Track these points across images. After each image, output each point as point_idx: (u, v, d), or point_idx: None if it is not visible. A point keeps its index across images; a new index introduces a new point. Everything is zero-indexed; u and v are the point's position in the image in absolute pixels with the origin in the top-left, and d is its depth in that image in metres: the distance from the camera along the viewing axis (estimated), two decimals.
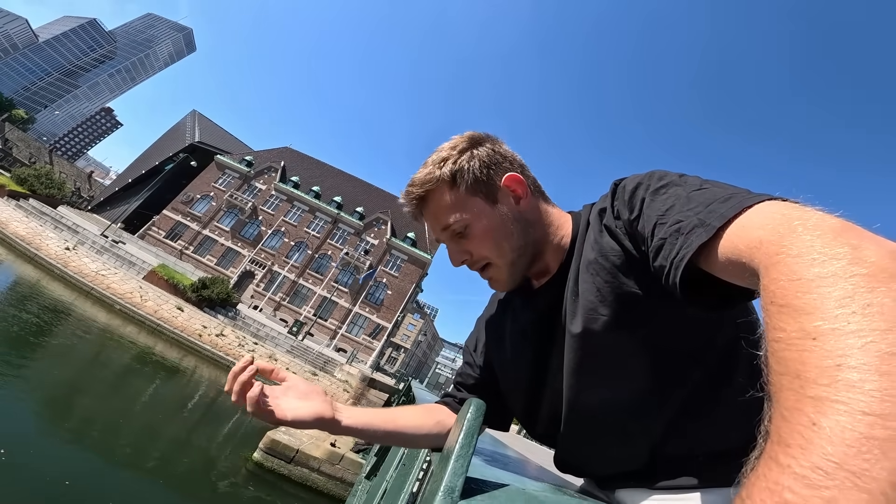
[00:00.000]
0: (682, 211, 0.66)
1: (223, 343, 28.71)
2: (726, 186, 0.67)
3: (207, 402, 18.92)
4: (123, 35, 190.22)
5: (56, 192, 40.42)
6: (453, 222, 0.94)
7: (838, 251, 0.40)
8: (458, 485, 0.55)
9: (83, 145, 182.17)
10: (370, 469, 3.23)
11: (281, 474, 12.32)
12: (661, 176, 0.77)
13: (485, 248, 0.95)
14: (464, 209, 0.94)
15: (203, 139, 62.47)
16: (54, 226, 32.16)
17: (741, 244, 0.53)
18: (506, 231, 0.95)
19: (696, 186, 0.70)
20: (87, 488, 7.75)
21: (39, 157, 68.36)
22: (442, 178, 0.94)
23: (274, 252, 53.00)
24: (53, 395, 11.55)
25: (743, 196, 0.60)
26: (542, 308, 0.97)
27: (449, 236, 0.97)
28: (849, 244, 0.41)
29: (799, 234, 0.45)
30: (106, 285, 27.69)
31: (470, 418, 0.61)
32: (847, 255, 0.40)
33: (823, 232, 0.43)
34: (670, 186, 0.73)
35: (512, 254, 0.95)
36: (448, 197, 0.94)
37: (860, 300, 0.36)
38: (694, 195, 0.67)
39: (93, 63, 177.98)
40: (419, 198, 0.97)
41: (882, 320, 0.34)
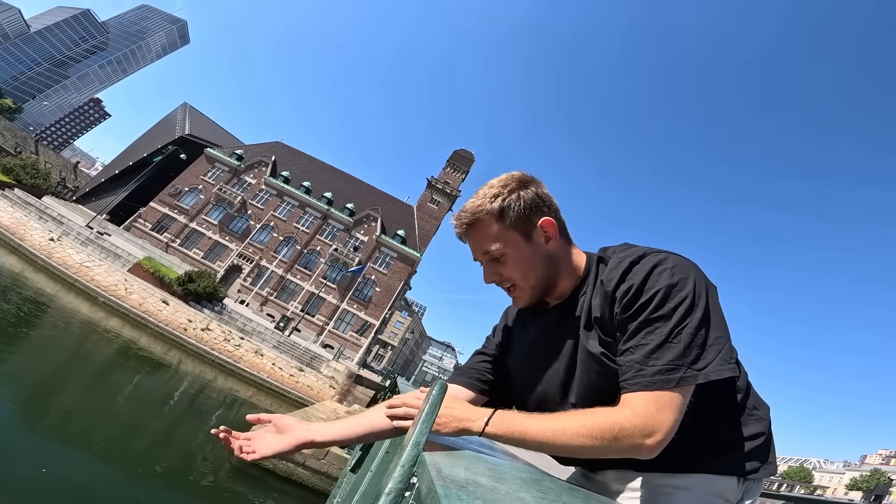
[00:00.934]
0: (649, 356, 0.96)
1: (209, 337, 28.44)
2: (694, 343, 0.96)
3: (191, 397, 18.76)
4: (116, 26, 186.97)
5: (41, 183, 39.76)
6: (493, 250, 1.16)
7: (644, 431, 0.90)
8: (422, 440, 0.68)
9: (70, 135, 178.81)
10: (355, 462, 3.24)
11: (266, 469, 12.26)
12: (664, 299, 0.99)
13: (514, 274, 1.18)
14: (504, 241, 1.16)
15: (193, 132, 61.63)
16: (39, 216, 31.61)
17: (650, 401, 0.93)
18: (534, 264, 1.17)
19: (674, 333, 0.96)
20: (65, 483, 7.63)
21: (25, 146, 67.13)
22: (491, 211, 1.15)
23: (262, 247, 52.62)
24: (32, 388, 11.37)
25: (683, 372, 0.94)
26: (551, 324, 1.22)
27: (487, 259, 1.19)
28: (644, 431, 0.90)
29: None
30: (90, 277, 27.29)
31: (434, 394, 0.77)
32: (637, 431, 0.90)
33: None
34: (661, 322, 0.98)
35: (535, 282, 1.18)
36: (493, 228, 1.16)
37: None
38: (666, 347, 0.96)
39: (84, 54, 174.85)
40: (469, 223, 1.18)
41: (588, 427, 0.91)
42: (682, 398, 0.94)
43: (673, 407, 0.92)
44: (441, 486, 0.51)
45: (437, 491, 0.48)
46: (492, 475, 0.72)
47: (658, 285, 1.00)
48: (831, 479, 73.48)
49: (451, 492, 0.49)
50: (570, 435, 0.93)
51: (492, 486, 0.62)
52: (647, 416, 0.91)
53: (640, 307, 1.00)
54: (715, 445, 1.08)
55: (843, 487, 69.05)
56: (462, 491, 0.51)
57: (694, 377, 0.94)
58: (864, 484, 65.25)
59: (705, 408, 1.05)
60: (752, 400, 1.14)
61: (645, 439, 0.90)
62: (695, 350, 0.96)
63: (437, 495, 0.47)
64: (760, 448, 1.09)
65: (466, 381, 1.36)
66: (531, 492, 0.69)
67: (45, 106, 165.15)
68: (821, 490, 70.90)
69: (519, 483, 0.75)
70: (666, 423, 0.91)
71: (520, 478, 0.81)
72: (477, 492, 0.54)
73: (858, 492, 65.36)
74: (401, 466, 0.63)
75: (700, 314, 0.98)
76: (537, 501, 0.63)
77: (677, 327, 0.96)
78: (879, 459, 73.96)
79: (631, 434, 0.90)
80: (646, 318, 0.99)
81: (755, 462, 1.08)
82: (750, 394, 1.14)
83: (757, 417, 1.12)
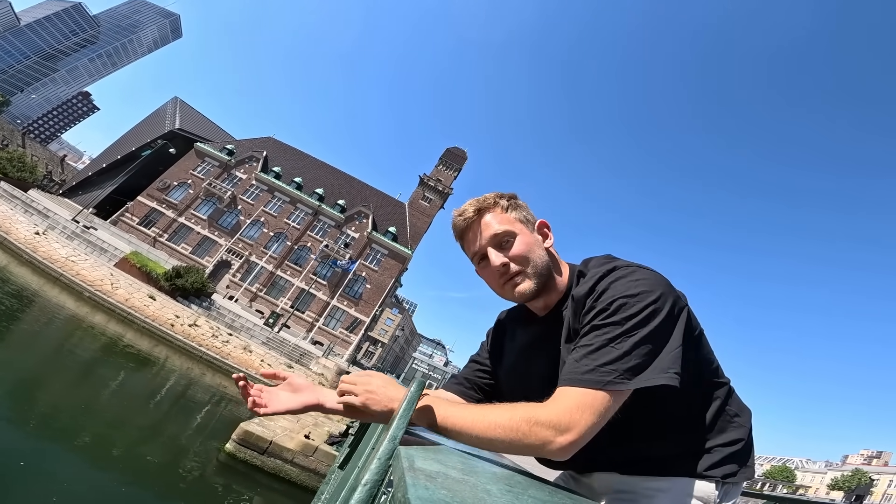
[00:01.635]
0: (587, 355, 0.99)
1: (196, 333, 28.20)
2: (636, 352, 0.97)
3: (178, 393, 18.58)
4: (108, 19, 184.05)
5: (28, 176, 39.08)
6: (502, 232, 1.20)
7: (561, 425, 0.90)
8: (399, 435, 0.72)
9: (57, 129, 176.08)
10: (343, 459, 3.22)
11: (254, 465, 12.16)
12: (619, 307, 1.01)
13: (522, 257, 1.19)
14: (512, 226, 1.21)
15: (184, 126, 60.97)
16: (24, 210, 31.13)
17: (575, 397, 0.94)
18: (539, 251, 1.22)
19: (619, 339, 0.98)
20: (50, 480, 7.51)
21: (12, 139, 66.04)
22: (498, 203, 1.23)
23: (252, 242, 52.29)
24: (15, 383, 11.17)
25: (614, 376, 0.95)
26: (537, 335, 1.24)
27: (495, 244, 1.21)
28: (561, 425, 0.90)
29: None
30: (76, 272, 26.94)
31: (412, 391, 0.82)
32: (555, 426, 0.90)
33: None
34: (610, 327, 1.00)
35: (541, 269, 1.20)
36: (502, 215, 1.22)
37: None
38: (606, 350, 0.97)
39: (74, 47, 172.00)
40: (477, 210, 1.23)
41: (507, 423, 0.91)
42: (608, 402, 0.94)
43: (595, 409, 0.92)
44: (410, 476, 0.53)
45: (406, 481, 0.51)
46: (463, 469, 0.74)
47: (616, 294, 1.03)
48: (813, 479, 74.56)
49: (419, 481, 0.52)
50: (486, 424, 0.93)
51: (460, 479, 0.65)
52: (565, 412, 0.91)
53: (595, 313, 1.03)
54: (694, 450, 1.11)
55: (824, 487, 70.06)
56: (430, 481, 0.54)
57: (624, 383, 0.95)
58: (845, 484, 66.27)
59: (684, 413, 1.11)
60: (733, 406, 1.17)
61: (557, 436, 0.89)
62: (635, 359, 0.96)
63: (405, 484, 0.50)
64: (739, 453, 1.12)
65: (459, 389, 1.40)
66: (499, 485, 0.70)
67: (32, 99, 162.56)
68: (803, 489, 71.84)
69: (489, 477, 0.77)
70: (582, 424, 0.91)
71: (492, 473, 0.83)
72: (445, 483, 0.57)
73: (840, 491, 66.39)
74: (377, 459, 0.66)
75: (653, 327, 0.99)
76: (502, 493, 0.65)
77: (624, 334, 0.98)
78: (861, 460, 75.19)
79: (545, 427, 0.89)
80: (598, 322, 1.02)
81: (733, 466, 1.10)
82: (731, 400, 1.17)
83: (737, 424, 1.15)
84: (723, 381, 1.18)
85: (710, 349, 1.17)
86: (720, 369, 1.19)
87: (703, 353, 1.14)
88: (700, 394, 1.13)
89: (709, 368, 1.16)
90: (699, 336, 1.13)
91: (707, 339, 1.18)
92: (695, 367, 1.08)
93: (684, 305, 1.08)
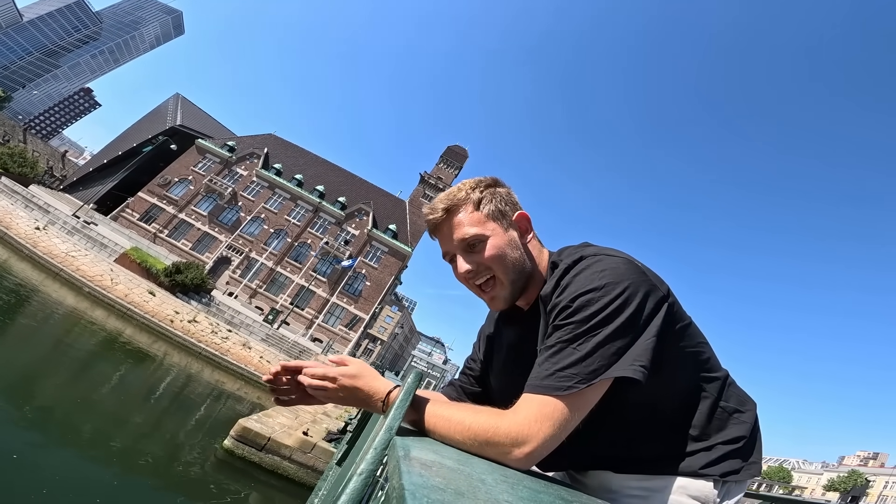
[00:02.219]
0: (548, 359, 0.93)
1: (195, 330, 28.20)
2: (601, 352, 0.91)
3: (177, 389, 18.59)
4: (110, 16, 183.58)
5: (28, 171, 39.08)
6: (471, 235, 1.11)
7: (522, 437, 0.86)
8: (395, 425, 0.72)
9: (59, 125, 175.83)
10: (341, 456, 3.24)
11: (251, 462, 12.17)
12: (583, 304, 0.94)
13: (492, 262, 1.11)
14: (482, 227, 1.12)
15: (185, 123, 60.90)
16: (25, 205, 31.14)
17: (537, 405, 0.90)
18: (512, 253, 1.13)
19: (581, 339, 0.92)
20: (45, 474, 7.51)
21: (13, 135, 66.02)
22: (469, 199, 1.14)
23: (252, 239, 52.28)
24: (13, 378, 11.17)
25: (576, 381, 0.89)
26: (521, 332, 1.16)
27: (463, 248, 1.13)
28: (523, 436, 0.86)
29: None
30: (76, 267, 26.92)
31: (410, 382, 0.81)
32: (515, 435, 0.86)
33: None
34: (571, 326, 0.93)
35: (513, 273, 1.12)
36: (472, 215, 1.13)
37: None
38: (566, 352, 0.92)
39: (76, 43, 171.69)
40: (446, 209, 1.14)
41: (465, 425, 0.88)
42: (567, 410, 0.89)
43: (553, 419, 0.88)
44: (406, 464, 0.54)
45: (400, 468, 0.52)
46: (459, 460, 0.74)
47: (579, 289, 0.95)
48: (809, 480, 74.70)
49: (414, 469, 0.52)
50: (453, 424, 0.90)
51: (456, 468, 0.65)
52: (523, 423, 0.87)
53: (558, 311, 0.97)
54: (690, 448, 1.05)
55: (820, 488, 70.18)
56: (425, 469, 0.54)
57: (584, 384, 0.89)
58: (841, 485, 66.41)
59: (676, 410, 1.05)
60: (731, 400, 1.09)
61: (514, 448, 0.86)
62: (598, 361, 0.90)
63: (400, 472, 0.50)
64: (740, 450, 1.05)
65: (454, 391, 1.38)
66: (493, 475, 0.70)
67: (34, 95, 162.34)
68: (799, 490, 71.89)
69: (484, 468, 0.76)
70: (540, 435, 0.87)
71: (487, 464, 0.82)
72: (440, 471, 0.57)
73: (836, 492, 66.48)
74: (373, 449, 0.66)
75: (619, 324, 0.92)
76: (497, 482, 0.64)
77: (587, 333, 0.92)
78: (857, 461, 75.31)
79: (503, 440, 0.86)
80: (559, 321, 0.96)
81: (735, 462, 1.04)
82: (728, 394, 1.10)
83: (737, 420, 1.08)
84: (716, 375, 1.10)
85: (701, 340, 1.09)
86: (713, 361, 1.11)
87: (690, 346, 1.06)
88: (691, 389, 1.07)
89: (698, 361, 1.08)
90: (685, 327, 1.05)
91: (698, 329, 1.10)
92: (681, 360, 1.04)
93: (663, 295, 1.00)
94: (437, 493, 0.46)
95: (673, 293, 1.05)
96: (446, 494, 0.47)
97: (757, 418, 1.12)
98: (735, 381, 1.15)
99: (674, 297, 1.04)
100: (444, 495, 0.46)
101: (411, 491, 0.43)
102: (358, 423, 3.92)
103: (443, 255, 1.20)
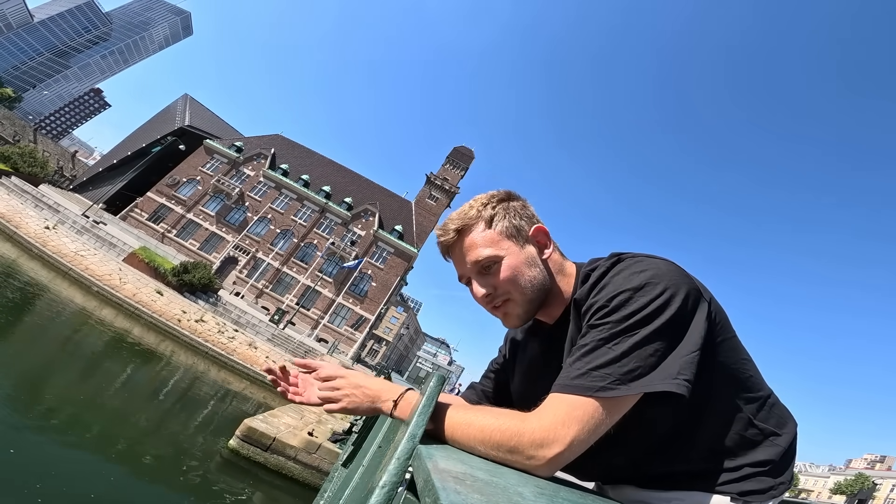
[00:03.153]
0: (581, 358, 0.88)
1: (202, 329, 28.33)
2: (636, 353, 0.85)
3: (183, 389, 18.68)
4: (120, 17, 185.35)
5: (39, 171, 39.48)
6: (484, 257, 1.07)
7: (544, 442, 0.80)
8: (419, 433, 0.68)
9: (69, 125, 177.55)
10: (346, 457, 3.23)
11: (256, 462, 12.21)
12: (622, 303, 0.88)
13: (508, 284, 1.07)
14: (496, 247, 1.08)
15: (193, 123, 61.25)
16: (35, 204, 31.45)
17: (563, 405, 0.84)
18: (529, 271, 1.08)
19: (616, 338, 0.86)
20: (52, 473, 7.56)
21: (24, 135, 66.67)
22: (481, 217, 1.10)
23: (259, 239, 52.47)
24: (22, 376, 11.26)
25: (608, 381, 0.83)
26: (545, 346, 1.15)
27: (477, 270, 1.10)
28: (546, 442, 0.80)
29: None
30: (84, 266, 27.13)
31: (432, 386, 0.76)
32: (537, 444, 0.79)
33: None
34: (608, 325, 0.88)
35: (531, 293, 1.08)
36: (484, 234, 1.09)
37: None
38: (600, 352, 0.86)
39: (86, 44, 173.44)
40: (457, 230, 1.10)
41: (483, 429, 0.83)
42: (598, 411, 0.83)
43: (582, 420, 0.82)
44: (438, 478, 0.50)
45: (434, 483, 0.48)
46: (488, 469, 0.70)
47: (617, 289, 0.90)
48: (816, 483, 73.96)
49: (448, 485, 0.48)
50: (472, 431, 0.85)
51: (489, 481, 0.61)
52: (549, 426, 0.81)
53: (594, 311, 0.92)
54: (716, 466, 0.98)
55: (827, 491, 69.48)
56: (459, 484, 0.50)
57: (620, 389, 0.83)
58: (848, 488, 65.65)
59: (708, 428, 0.98)
60: (771, 423, 1.01)
61: (537, 452, 0.80)
62: (634, 362, 0.84)
63: (434, 487, 0.46)
64: (770, 471, 0.98)
65: (475, 394, 1.37)
66: (529, 487, 0.66)
67: (45, 95, 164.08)
68: (805, 493, 71.20)
69: (517, 479, 0.72)
70: (567, 437, 0.80)
71: (518, 474, 0.78)
72: (475, 485, 0.53)
73: (843, 496, 65.77)
74: (396, 459, 0.62)
75: (658, 325, 0.85)
76: (535, 496, 0.60)
77: (623, 333, 0.86)
78: (864, 464, 74.51)
79: (527, 445, 0.80)
80: (595, 321, 0.90)
81: (761, 482, 0.96)
82: (768, 416, 1.02)
83: (771, 443, 1.00)
84: (756, 395, 1.01)
85: (744, 357, 1.02)
86: (755, 380, 1.02)
87: (731, 361, 0.99)
88: (728, 408, 0.99)
89: (738, 379, 1.00)
90: (729, 340, 0.98)
91: (742, 345, 1.03)
92: (720, 377, 0.97)
93: (704, 300, 0.93)
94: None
95: (717, 302, 0.99)
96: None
97: (795, 439, 1.04)
98: (779, 399, 1.07)
99: (718, 305, 0.98)
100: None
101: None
102: (364, 424, 3.91)
103: (458, 278, 1.16)
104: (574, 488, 0.87)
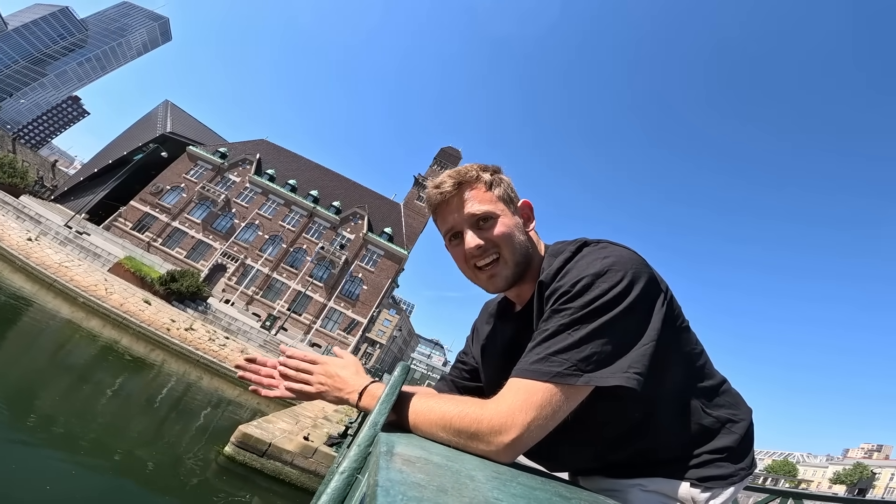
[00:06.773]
0: (540, 343, 0.89)
1: (193, 337, 28.01)
2: (594, 340, 0.86)
3: (176, 398, 18.45)
4: (96, 23, 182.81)
5: (19, 182, 38.81)
6: (483, 211, 1.09)
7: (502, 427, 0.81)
8: (380, 420, 0.70)
9: (48, 134, 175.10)
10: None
11: (253, 468, 12.07)
12: (583, 289, 0.90)
13: (502, 240, 1.09)
14: (494, 205, 1.11)
15: (175, 129, 60.57)
16: (16, 215, 30.90)
17: (525, 388, 0.85)
18: (519, 236, 1.11)
19: (575, 324, 0.88)
20: (45, 484, 7.42)
21: (2, 145, 65.56)
22: (481, 178, 1.12)
23: (247, 245, 52.06)
24: (11, 390, 11.06)
25: (564, 367, 0.85)
26: (516, 328, 1.14)
27: (473, 223, 1.10)
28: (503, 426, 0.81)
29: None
30: (69, 277, 26.69)
31: (396, 375, 0.78)
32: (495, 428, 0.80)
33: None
34: (568, 312, 0.89)
35: (519, 256, 1.10)
36: (483, 193, 1.11)
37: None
38: (559, 337, 0.88)
39: (62, 51, 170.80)
40: (457, 183, 1.11)
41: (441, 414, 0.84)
42: (555, 396, 0.84)
43: (539, 405, 0.83)
44: (385, 460, 0.51)
45: (379, 464, 0.48)
46: (448, 455, 0.71)
47: (580, 274, 0.92)
48: (815, 473, 75.02)
49: (394, 466, 0.49)
50: (432, 418, 0.86)
51: (443, 464, 0.61)
52: (507, 412, 0.82)
53: (557, 296, 0.93)
54: (678, 455, 1.03)
55: (826, 481, 70.48)
56: (407, 465, 0.51)
57: (575, 377, 0.84)
58: (847, 478, 66.60)
59: (665, 416, 1.03)
60: (725, 409, 1.07)
61: (496, 436, 0.81)
62: (591, 349, 0.86)
63: (378, 468, 0.47)
64: (729, 457, 1.03)
65: (445, 385, 1.37)
66: (485, 472, 0.67)
67: (22, 104, 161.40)
68: (805, 484, 72.14)
69: (476, 464, 0.72)
70: (524, 422, 0.81)
71: (479, 461, 0.78)
72: (424, 468, 0.54)
73: (842, 485, 66.61)
74: (357, 446, 0.63)
75: (617, 312, 0.87)
76: (488, 479, 0.60)
77: (583, 320, 0.88)
78: (861, 453, 75.79)
79: (485, 431, 0.82)
80: (557, 305, 0.92)
81: (720, 467, 1.02)
82: (722, 402, 1.08)
83: (728, 428, 1.05)
84: (710, 383, 1.08)
85: (696, 344, 1.07)
86: (709, 368, 1.09)
87: (686, 349, 1.05)
88: (683, 395, 1.04)
89: (693, 366, 1.06)
90: (684, 330, 1.04)
91: (695, 335, 1.08)
92: (676, 364, 1.01)
93: (661, 290, 0.97)
94: (416, 489, 0.42)
95: (672, 293, 1.02)
96: (426, 491, 0.43)
97: (751, 425, 1.10)
98: (731, 386, 1.13)
99: (672, 295, 1.02)
100: (423, 492, 0.43)
101: (385, 487, 0.41)
102: (359, 427, 3.87)
103: (445, 231, 1.15)
104: (538, 474, 0.88)
